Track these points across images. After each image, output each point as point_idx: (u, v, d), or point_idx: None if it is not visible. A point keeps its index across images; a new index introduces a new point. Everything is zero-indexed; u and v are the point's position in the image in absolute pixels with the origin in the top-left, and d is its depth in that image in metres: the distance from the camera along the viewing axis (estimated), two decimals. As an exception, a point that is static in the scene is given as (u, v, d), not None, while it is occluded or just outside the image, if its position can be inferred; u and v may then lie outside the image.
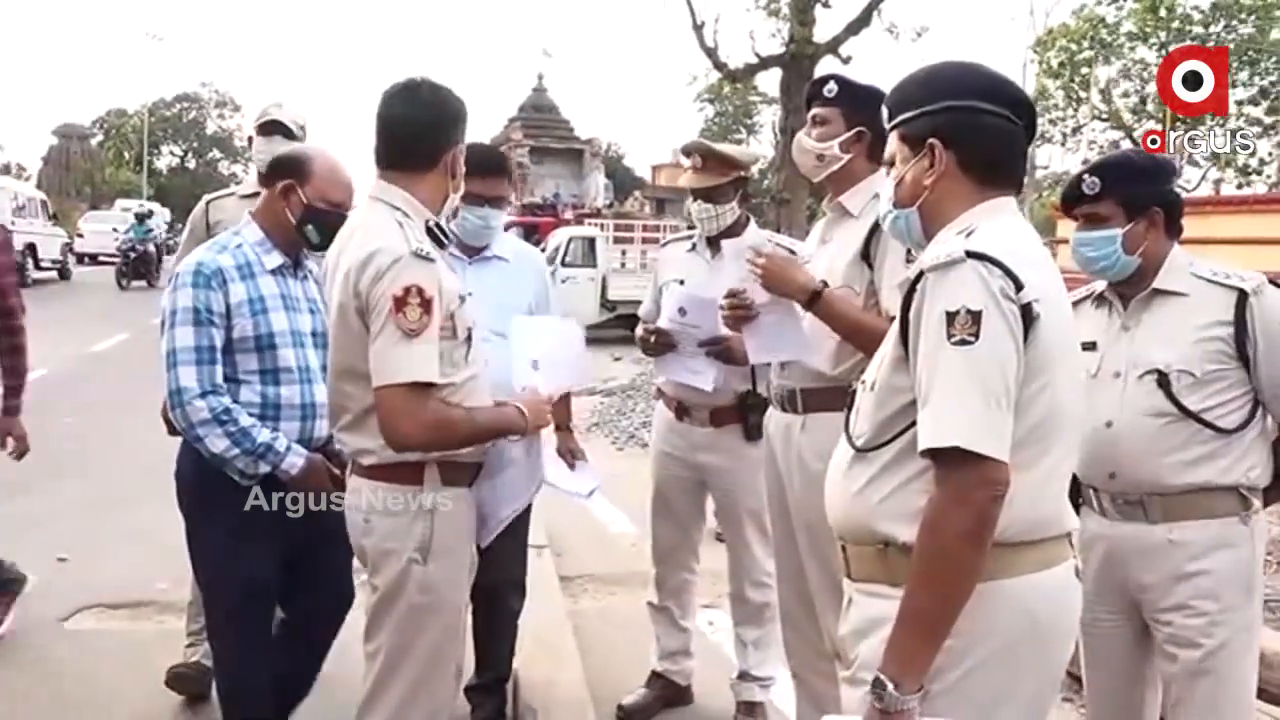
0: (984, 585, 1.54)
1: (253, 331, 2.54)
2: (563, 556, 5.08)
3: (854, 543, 1.70)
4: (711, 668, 3.63)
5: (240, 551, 2.55)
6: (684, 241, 3.48)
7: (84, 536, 2.84)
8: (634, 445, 8.14)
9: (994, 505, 1.50)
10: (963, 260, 1.55)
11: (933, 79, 1.79)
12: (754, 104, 43.13)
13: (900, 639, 1.53)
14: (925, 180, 1.73)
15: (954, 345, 1.52)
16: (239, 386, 2.55)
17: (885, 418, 1.64)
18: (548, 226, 20.96)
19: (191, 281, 2.52)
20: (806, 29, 18.02)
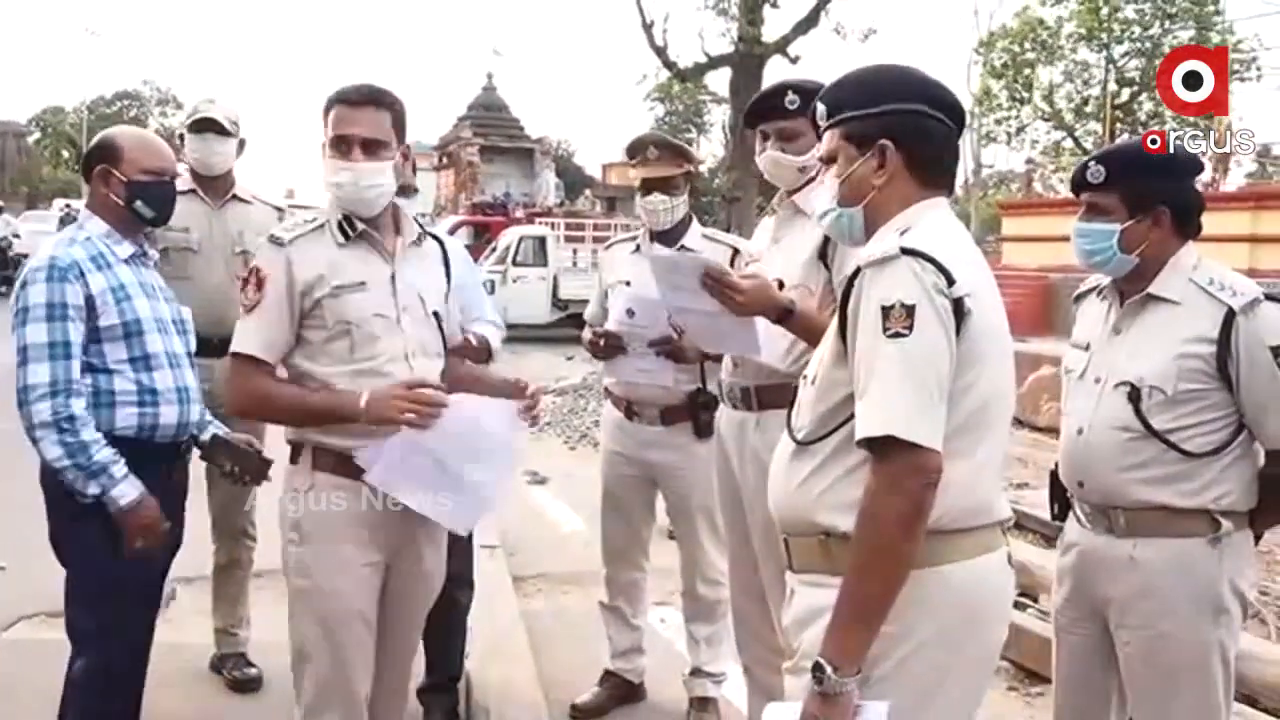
0: (921, 572, 1.59)
1: (119, 319, 2.51)
2: (515, 556, 5.07)
3: (796, 535, 1.74)
4: (664, 665, 3.64)
5: (119, 551, 2.48)
6: (628, 243, 3.48)
7: (21, 544, 2.75)
8: (586, 444, 8.15)
9: (927, 492, 1.55)
10: (898, 256, 1.60)
11: (880, 81, 1.81)
12: (704, 103, 43.18)
13: (839, 624, 1.58)
14: (875, 180, 1.76)
15: (889, 338, 1.56)
16: (112, 377, 2.51)
17: (825, 411, 1.68)
18: (498, 226, 20.84)
19: (45, 276, 2.45)
20: (755, 29, 18.18)
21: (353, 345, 2.28)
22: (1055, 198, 20.36)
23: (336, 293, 2.27)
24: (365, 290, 2.29)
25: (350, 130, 2.28)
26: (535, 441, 8.56)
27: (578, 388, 10.84)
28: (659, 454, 3.30)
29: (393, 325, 2.31)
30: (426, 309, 2.38)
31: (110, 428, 2.50)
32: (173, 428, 2.58)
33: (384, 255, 2.35)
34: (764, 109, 2.75)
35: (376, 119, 2.29)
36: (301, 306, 2.28)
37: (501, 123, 35.36)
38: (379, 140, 2.29)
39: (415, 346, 2.34)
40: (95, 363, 2.50)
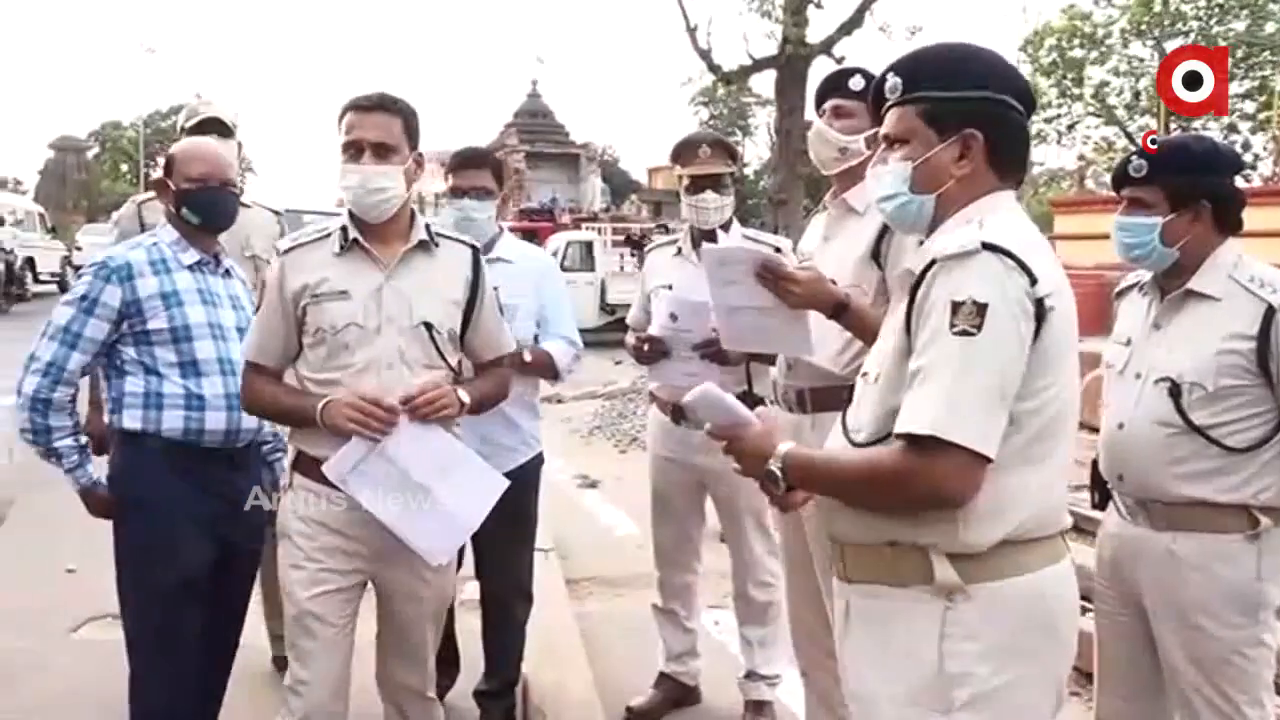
0: (996, 584, 1.55)
1: (167, 324, 2.59)
2: (568, 559, 5.10)
3: (853, 542, 1.67)
4: (718, 667, 3.64)
5: (175, 546, 2.58)
6: (668, 247, 3.48)
7: (90, 547, 2.87)
8: (635, 448, 8.16)
9: (965, 500, 1.50)
10: (978, 251, 1.51)
11: (970, 63, 1.70)
12: (748, 106, 43.15)
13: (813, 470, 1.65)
14: (954, 170, 1.66)
15: (954, 334, 1.49)
16: (162, 380, 2.59)
17: (888, 410, 1.58)
18: (545, 231, 20.99)
19: (93, 273, 2.61)
20: (800, 30, 18.08)
21: (328, 352, 2.33)
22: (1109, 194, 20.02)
23: (316, 300, 2.32)
24: (346, 299, 2.31)
25: (360, 135, 2.32)
26: (585, 445, 8.63)
27: (626, 392, 10.87)
28: (706, 457, 3.29)
29: (369, 335, 2.31)
30: (414, 318, 2.34)
31: (158, 428, 2.57)
32: (220, 433, 2.61)
33: (377, 264, 2.35)
34: (830, 86, 2.74)
35: (386, 124, 2.33)
36: (295, 314, 2.34)
37: (547, 129, 35.64)
38: (388, 145, 2.32)
39: (393, 357, 2.31)
40: (146, 363, 2.59)
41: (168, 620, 2.63)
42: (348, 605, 2.40)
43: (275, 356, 2.40)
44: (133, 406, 2.58)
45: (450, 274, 2.43)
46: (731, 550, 3.47)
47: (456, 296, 2.42)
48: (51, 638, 3.96)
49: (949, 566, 1.55)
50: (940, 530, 1.55)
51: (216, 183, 2.73)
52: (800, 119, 18.79)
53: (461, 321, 2.43)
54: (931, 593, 1.57)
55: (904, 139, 1.70)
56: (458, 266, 2.45)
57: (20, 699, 3.44)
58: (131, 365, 2.60)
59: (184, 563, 2.60)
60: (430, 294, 2.38)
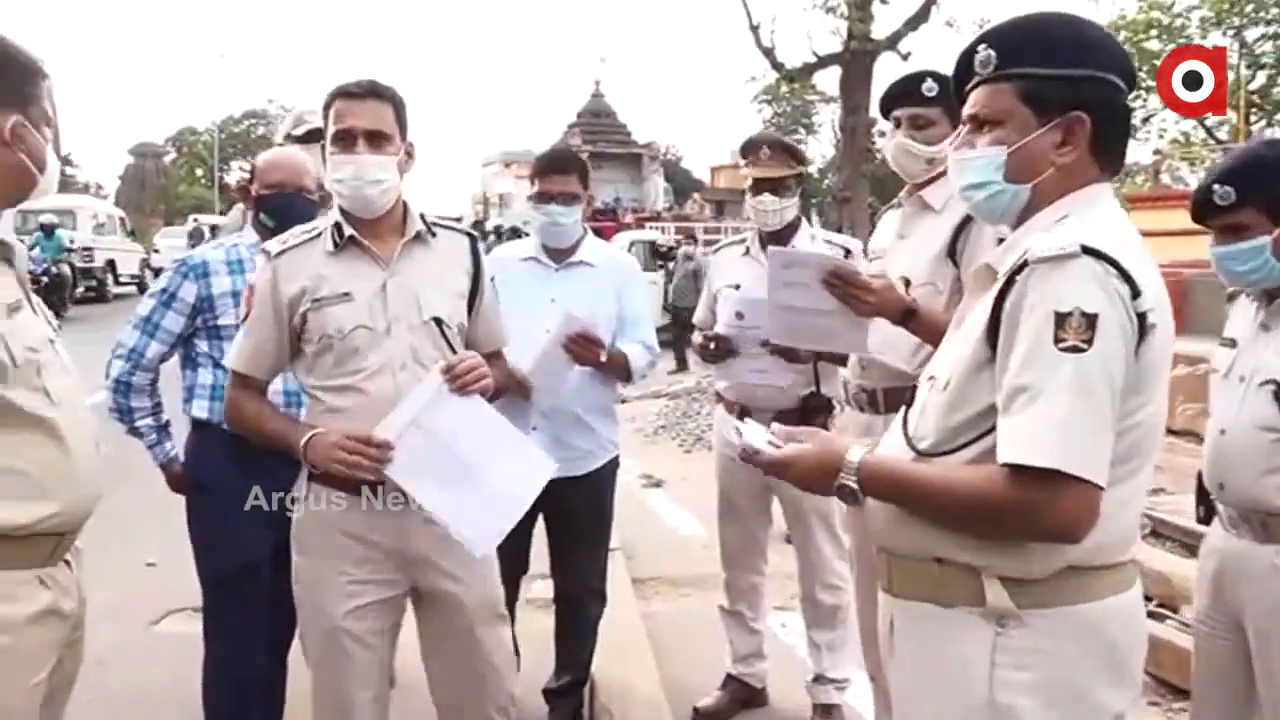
0: (1060, 611, 1.44)
1: (236, 320, 2.69)
2: (634, 559, 5.10)
3: (901, 555, 1.57)
4: (786, 670, 3.63)
5: (238, 530, 2.69)
6: (736, 246, 3.47)
7: (171, 540, 2.96)
8: (701, 448, 8.15)
9: (1084, 536, 1.38)
10: (1078, 255, 1.37)
11: (1077, 37, 1.53)
12: (812, 103, 42.81)
13: (895, 485, 1.50)
14: (1055, 157, 1.50)
15: (1062, 350, 1.34)
16: (228, 373, 2.63)
17: (960, 422, 1.47)
18: (609, 231, 21.05)
19: (175, 269, 2.82)
20: (864, 25, 17.91)
21: (336, 359, 2.20)
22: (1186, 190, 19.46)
23: (317, 306, 2.19)
24: (349, 301, 2.19)
25: (353, 123, 2.18)
26: (650, 445, 8.64)
27: (691, 391, 10.86)
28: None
29: (379, 337, 2.19)
30: (423, 314, 2.23)
31: (222, 419, 2.64)
32: None
33: (377, 261, 2.23)
34: (899, 94, 2.68)
35: (379, 111, 2.21)
36: (291, 320, 2.22)
37: (610, 129, 35.78)
38: (382, 133, 2.20)
39: (406, 357, 2.20)
40: (215, 356, 2.74)
41: (232, 605, 2.77)
42: (384, 620, 2.27)
43: (265, 368, 2.30)
44: (201, 397, 2.76)
45: (451, 265, 2.32)
46: (798, 552, 3.45)
47: (459, 288, 2.31)
48: (133, 629, 4.09)
49: (1002, 590, 1.44)
50: (997, 552, 1.44)
51: (292, 189, 2.85)
52: (865, 116, 18.61)
53: (465, 313, 2.32)
54: (981, 616, 1.46)
55: (997, 120, 1.53)
56: (458, 257, 2.34)
57: (104, 689, 3.54)
58: (203, 358, 2.77)
59: (244, 548, 2.72)
60: (436, 288, 2.26)
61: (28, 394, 1.71)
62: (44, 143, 1.78)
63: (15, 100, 1.73)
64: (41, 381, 1.73)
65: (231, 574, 2.76)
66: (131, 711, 3.42)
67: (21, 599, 1.73)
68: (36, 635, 1.75)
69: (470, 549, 2.18)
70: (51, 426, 1.74)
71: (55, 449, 1.75)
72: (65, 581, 1.83)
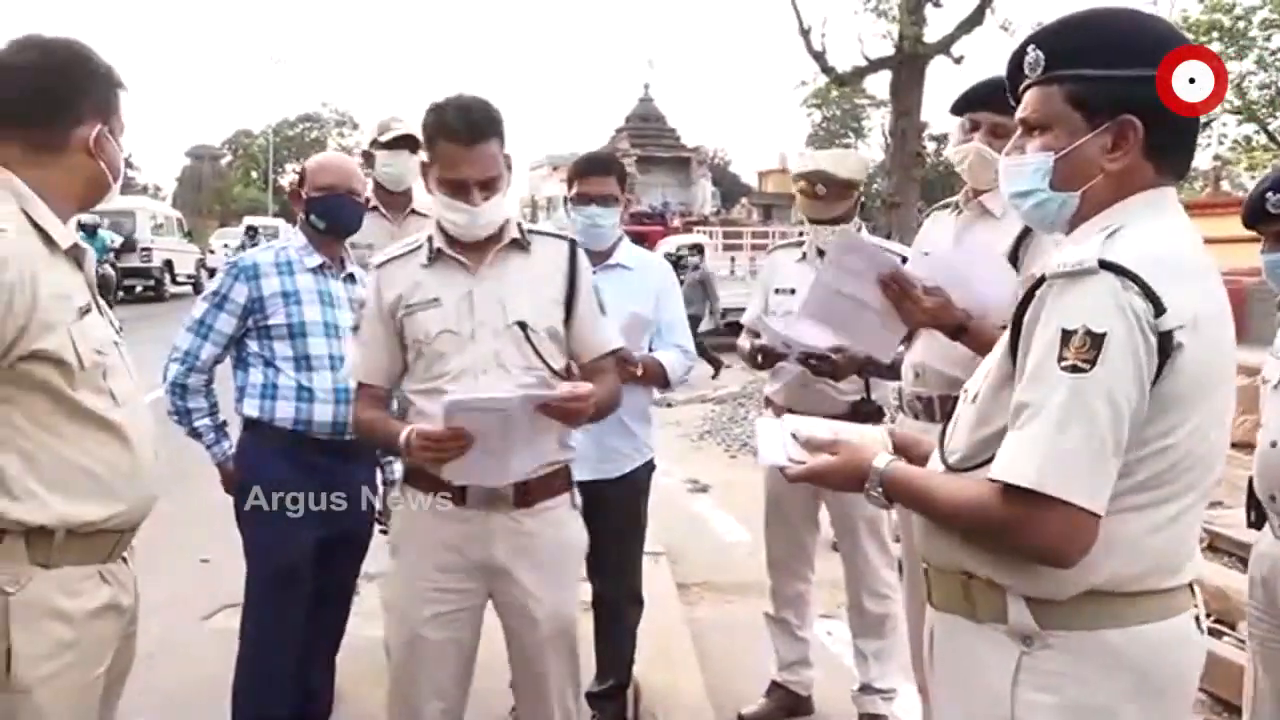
0: (1087, 635, 1.39)
1: (285, 320, 2.79)
2: (679, 564, 5.10)
3: (936, 567, 1.55)
4: (832, 679, 3.60)
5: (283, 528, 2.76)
6: (793, 249, 3.46)
7: (225, 539, 3.02)
8: (746, 453, 8.11)
9: (1079, 557, 1.34)
10: (1095, 271, 1.32)
11: (1130, 33, 1.44)
12: (862, 107, 42.56)
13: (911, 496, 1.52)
14: (1105, 163, 1.43)
15: (1063, 369, 1.31)
16: (278, 372, 2.78)
17: (983, 437, 1.45)
18: (656, 235, 21.06)
19: (225, 271, 2.89)
20: (917, 29, 17.70)
21: (425, 363, 2.28)
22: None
23: (410, 311, 2.27)
24: (437, 307, 2.26)
25: (465, 174, 2.20)
26: (695, 450, 8.62)
27: (736, 396, 10.82)
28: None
29: (463, 341, 2.24)
30: (508, 319, 2.25)
31: (272, 417, 2.78)
32: (328, 425, 2.79)
33: (468, 269, 2.28)
34: (982, 98, 2.59)
35: (489, 153, 2.20)
36: (394, 326, 2.30)
37: (658, 133, 35.80)
38: (493, 177, 2.22)
39: (488, 361, 2.24)
40: (266, 356, 2.80)
41: (269, 605, 2.83)
42: (461, 630, 2.33)
43: (380, 374, 2.36)
44: (252, 396, 2.81)
45: (546, 270, 2.32)
46: (845, 560, 3.42)
47: (554, 294, 2.31)
48: (186, 625, 4.16)
49: (1025, 610, 1.41)
50: (1016, 571, 1.41)
51: (342, 191, 2.90)
52: (916, 120, 18.40)
53: (564, 319, 2.32)
54: (1007, 634, 1.43)
55: (1045, 125, 1.47)
56: (554, 262, 2.33)
57: (158, 682, 3.60)
58: (254, 358, 2.83)
59: (287, 548, 2.78)
60: (524, 293, 2.28)
61: (94, 396, 1.75)
62: (119, 151, 1.84)
63: (101, 111, 1.80)
64: (107, 384, 1.77)
65: (272, 573, 2.82)
66: (181, 705, 3.47)
67: (84, 594, 1.77)
68: (97, 629, 1.79)
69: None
70: (116, 427, 1.78)
71: (120, 449, 1.79)
72: (123, 577, 1.88)
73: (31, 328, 1.65)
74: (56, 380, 1.69)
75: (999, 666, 1.44)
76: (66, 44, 1.80)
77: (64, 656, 1.73)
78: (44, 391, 1.69)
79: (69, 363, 1.70)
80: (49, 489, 1.70)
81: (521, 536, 2.30)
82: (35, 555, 1.70)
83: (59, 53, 1.78)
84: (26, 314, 1.64)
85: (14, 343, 1.64)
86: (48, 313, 1.67)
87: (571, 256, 2.36)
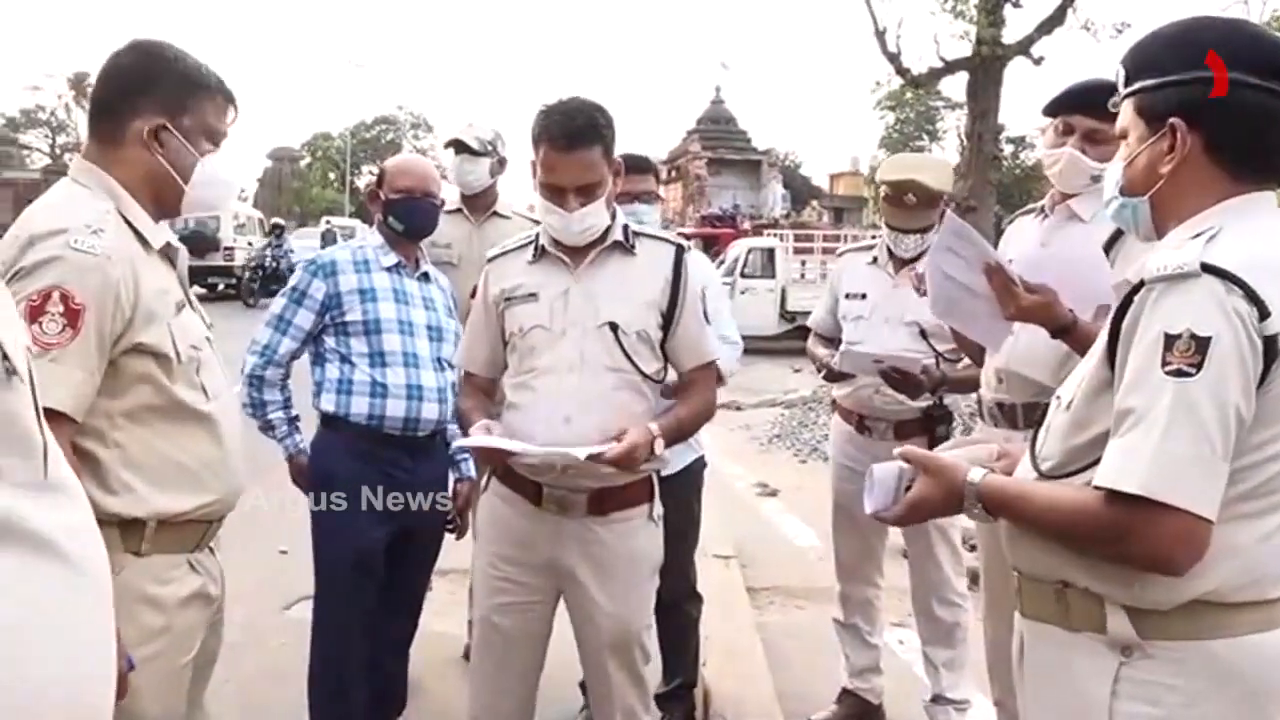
0: (1191, 646, 1.36)
1: (361, 316, 2.84)
2: (749, 568, 5.07)
3: (1029, 576, 1.54)
4: (903, 687, 3.56)
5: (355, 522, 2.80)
6: (864, 253, 3.43)
7: (302, 531, 3.10)
8: (816, 458, 8.05)
9: (1185, 568, 1.31)
10: (1197, 274, 1.31)
11: (1185, 39, 1.47)
12: (936, 109, 41.92)
13: (1007, 506, 1.50)
14: (1162, 167, 1.46)
15: (1168, 374, 1.29)
16: (354, 368, 2.83)
17: (1078, 445, 1.44)
18: (726, 238, 21.01)
19: (304, 268, 2.95)
20: (995, 30, 17.37)
21: (519, 356, 2.32)
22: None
23: (509, 304, 2.33)
24: (534, 302, 2.29)
25: (563, 180, 2.22)
26: (765, 454, 8.58)
27: (807, 400, 10.73)
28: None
29: (554, 338, 2.26)
30: (599, 319, 2.25)
31: (346, 412, 2.82)
32: (400, 420, 2.83)
33: (568, 267, 2.30)
34: (1078, 102, 2.51)
35: (588, 160, 2.21)
36: (497, 319, 2.36)
37: (729, 135, 35.69)
38: (591, 183, 2.23)
39: (574, 360, 2.24)
40: (342, 352, 2.86)
41: (342, 596, 2.88)
42: (531, 622, 2.35)
43: (482, 363, 2.43)
44: (329, 391, 2.86)
45: (647, 274, 2.31)
46: (914, 566, 3.38)
47: (653, 297, 2.30)
48: (266, 614, 4.26)
49: (1125, 620, 1.39)
50: (1116, 580, 1.39)
51: (420, 194, 2.96)
52: (993, 122, 18.08)
53: (662, 324, 2.31)
54: (1105, 644, 1.41)
55: (1124, 135, 1.53)
56: (657, 266, 2.33)
57: (240, 669, 3.70)
58: (330, 354, 2.88)
59: (360, 541, 2.82)
60: (621, 294, 2.28)
61: (189, 389, 1.81)
62: (193, 154, 1.83)
63: (168, 107, 1.80)
64: (200, 378, 1.83)
65: (345, 565, 2.86)
66: (261, 693, 3.56)
67: (174, 582, 1.82)
68: (187, 617, 1.85)
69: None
70: (208, 420, 1.83)
71: (210, 442, 1.84)
72: (210, 567, 1.93)
73: (136, 321, 1.72)
74: (156, 373, 1.76)
75: (1096, 677, 1.42)
76: (148, 43, 1.84)
77: (155, 643, 1.78)
78: (144, 384, 1.75)
79: (168, 356, 1.76)
80: (144, 482, 1.75)
81: (593, 545, 2.30)
82: (128, 544, 1.75)
83: (136, 51, 1.83)
84: (131, 308, 1.71)
85: (121, 336, 1.71)
86: (150, 307, 1.74)
87: (677, 261, 2.35)
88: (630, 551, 2.34)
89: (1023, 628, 1.58)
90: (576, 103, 2.25)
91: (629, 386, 2.27)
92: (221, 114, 1.89)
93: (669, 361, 2.38)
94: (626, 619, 2.35)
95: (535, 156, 2.28)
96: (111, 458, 1.74)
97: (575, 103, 2.25)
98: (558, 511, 2.28)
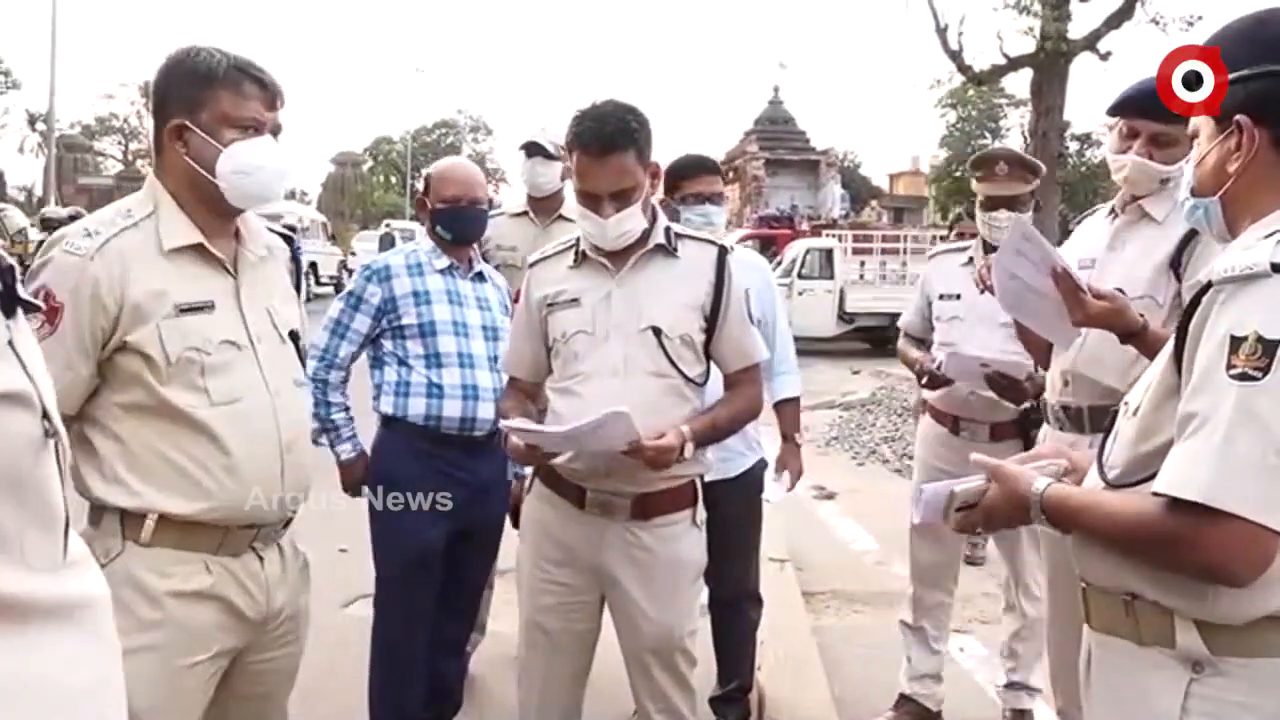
0: (1267, 664, 1.31)
1: (416, 319, 2.87)
2: (804, 571, 5.03)
3: (1096, 588, 1.50)
4: (961, 696, 3.51)
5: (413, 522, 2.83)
6: (957, 254, 3.42)
7: (360, 530, 3.14)
8: (874, 460, 7.97)
9: (1248, 579, 1.26)
10: (1267, 275, 1.26)
11: (1252, 33, 1.42)
12: (999, 106, 41.24)
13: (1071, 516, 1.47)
14: (1230, 166, 1.42)
15: (1232, 378, 1.25)
16: (410, 370, 2.87)
17: (1146, 452, 1.39)
18: (784, 239, 20.87)
19: (361, 274, 2.99)
20: (1060, 25, 17.03)
21: (563, 362, 2.31)
22: None
23: (552, 309, 2.31)
24: (576, 307, 2.28)
25: (597, 186, 2.20)
26: (821, 456, 8.50)
27: (865, 402, 10.63)
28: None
29: (597, 342, 2.25)
30: (641, 324, 2.24)
31: (404, 414, 2.86)
32: (456, 420, 2.85)
33: (610, 272, 2.28)
34: (1148, 106, 2.39)
35: (621, 165, 2.19)
36: (540, 324, 2.35)
37: (787, 135, 35.49)
38: (625, 189, 2.20)
39: (616, 364, 2.24)
40: (399, 354, 2.90)
41: (401, 596, 2.91)
42: (576, 622, 2.35)
43: (525, 368, 2.43)
44: (387, 394, 2.90)
45: (690, 276, 2.29)
46: (1007, 561, 3.41)
47: (695, 300, 2.28)
48: (325, 611, 4.31)
49: (1195, 634, 1.34)
50: (1186, 594, 1.34)
51: (466, 202, 2.99)
52: (1058, 119, 17.72)
53: (706, 327, 2.29)
54: (1175, 658, 1.36)
55: (1195, 136, 1.50)
56: (700, 268, 2.30)
57: (301, 666, 3.78)
58: (388, 357, 2.92)
59: (418, 541, 2.85)
60: (663, 298, 2.26)
61: (185, 392, 1.78)
62: (215, 146, 1.81)
63: (181, 107, 1.82)
64: (204, 382, 1.80)
65: (403, 566, 2.90)
66: (321, 688, 3.61)
67: (175, 576, 1.78)
68: (190, 616, 1.79)
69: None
70: (204, 426, 1.79)
71: (210, 447, 1.79)
72: (242, 574, 1.86)
73: (123, 319, 1.76)
74: (145, 374, 1.77)
75: (1166, 692, 1.37)
76: (171, 52, 1.86)
77: (146, 634, 1.73)
78: (135, 383, 1.78)
79: (154, 358, 1.77)
80: (138, 477, 1.77)
81: (635, 549, 2.29)
82: (128, 533, 1.78)
83: (162, 62, 1.86)
84: (117, 305, 1.75)
85: (112, 333, 1.76)
86: (140, 307, 1.76)
87: (720, 263, 2.32)
88: (673, 556, 2.33)
89: (1090, 640, 1.54)
90: (608, 107, 2.23)
91: (672, 391, 2.26)
92: (242, 100, 1.83)
93: (715, 363, 2.36)
94: (669, 624, 2.34)
95: (569, 163, 2.30)
96: (110, 450, 1.78)
97: (607, 107, 2.23)
98: (601, 515, 2.28)
